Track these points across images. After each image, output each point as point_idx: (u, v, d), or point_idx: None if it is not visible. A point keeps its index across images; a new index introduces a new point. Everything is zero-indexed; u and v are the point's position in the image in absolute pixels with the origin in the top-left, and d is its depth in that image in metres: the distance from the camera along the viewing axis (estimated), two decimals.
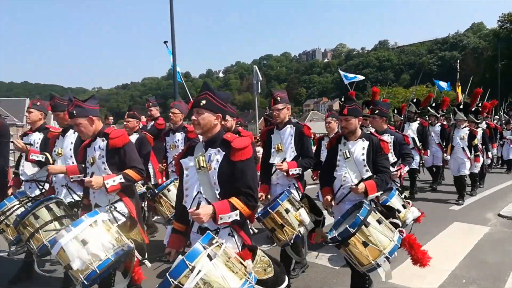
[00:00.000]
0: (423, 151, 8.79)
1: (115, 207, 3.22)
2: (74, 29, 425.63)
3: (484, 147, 9.12)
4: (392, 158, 5.00)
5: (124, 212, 3.25)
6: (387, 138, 4.96)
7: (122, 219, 3.22)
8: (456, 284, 4.23)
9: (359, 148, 3.58)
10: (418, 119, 9.13)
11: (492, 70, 40.20)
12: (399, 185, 5.08)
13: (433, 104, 10.20)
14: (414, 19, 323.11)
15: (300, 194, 4.11)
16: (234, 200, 2.40)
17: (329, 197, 3.60)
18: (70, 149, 4.14)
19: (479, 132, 8.80)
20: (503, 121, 13.62)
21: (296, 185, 4.18)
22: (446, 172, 10.28)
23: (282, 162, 4.09)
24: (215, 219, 2.33)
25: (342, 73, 13.55)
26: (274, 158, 4.23)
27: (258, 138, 8.54)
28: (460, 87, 15.50)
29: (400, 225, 3.67)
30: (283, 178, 4.18)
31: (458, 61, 17.40)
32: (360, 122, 3.64)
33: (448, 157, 8.33)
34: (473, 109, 9.16)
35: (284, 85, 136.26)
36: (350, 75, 12.76)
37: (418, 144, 8.69)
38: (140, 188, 5.07)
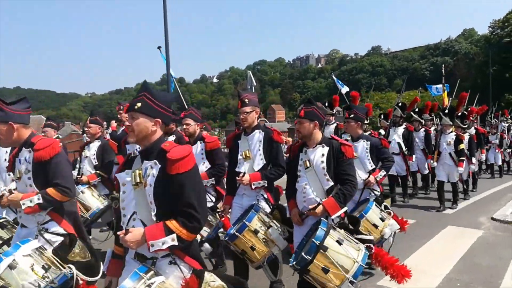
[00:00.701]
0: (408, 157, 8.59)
1: (46, 229, 2.79)
2: (69, 34, 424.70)
3: (469, 153, 8.74)
4: (369, 164, 4.73)
5: (58, 232, 2.80)
6: (363, 143, 4.76)
7: (59, 239, 2.77)
8: (450, 287, 4.22)
9: (318, 155, 3.29)
10: (404, 123, 8.94)
11: (484, 76, 40.70)
12: (378, 193, 4.73)
13: (417, 109, 10.03)
14: (407, 24, 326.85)
15: (270, 206, 3.79)
16: (171, 223, 2.04)
17: (297, 213, 3.37)
18: (5, 160, 3.75)
19: (466, 137, 8.59)
20: (492, 126, 13.29)
21: (265, 196, 3.81)
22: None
23: (243, 175, 3.70)
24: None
25: (336, 79, 13.68)
26: (241, 166, 3.82)
27: None
28: (446, 92, 15.56)
29: (373, 238, 3.46)
30: (250, 189, 3.76)
31: (443, 65, 17.61)
32: (316, 127, 3.32)
33: (435, 163, 8.03)
34: (459, 114, 8.94)
35: (278, 90, 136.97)
36: (340, 83, 12.90)
37: (404, 149, 8.50)
38: (102, 202, 4.74)
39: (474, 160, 8.81)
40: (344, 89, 12.66)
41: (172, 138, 5.23)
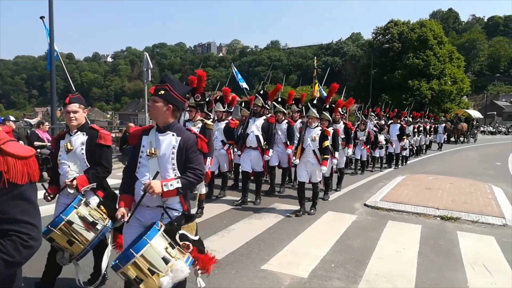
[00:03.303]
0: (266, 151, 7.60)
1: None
2: None
3: (333, 148, 7.92)
4: (173, 172, 2.85)
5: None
6: (170, 138, 2.87)
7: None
8: (326, 268, 4.61)
9: None
10: (268, 114, 8.16)
11: (366, 76, 45.02)
12: (179, 213, 2.88)
13: (279, 99, 9.05)
14: (304, 23, 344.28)
15: None
16: None
17: None
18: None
19: (330, 132, 7.70)
20: (361, 122, 12.89)
21: None
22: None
23: None
24: None
25: (235, 69, 13.85)
26: None
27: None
28: (317, 84, 16.68)
29: None
30: None
31: (316, 58, 18.88)
32: None
33: (297, 161, 6.98)
34: (327, 107, 8.14)
35: (178, 75, 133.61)
36: (240, 76, 13.15)
37: (263, 143, 7.61)
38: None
39: (337, 154, 8.08)
40: (244, 85, 12.81)
41: None
